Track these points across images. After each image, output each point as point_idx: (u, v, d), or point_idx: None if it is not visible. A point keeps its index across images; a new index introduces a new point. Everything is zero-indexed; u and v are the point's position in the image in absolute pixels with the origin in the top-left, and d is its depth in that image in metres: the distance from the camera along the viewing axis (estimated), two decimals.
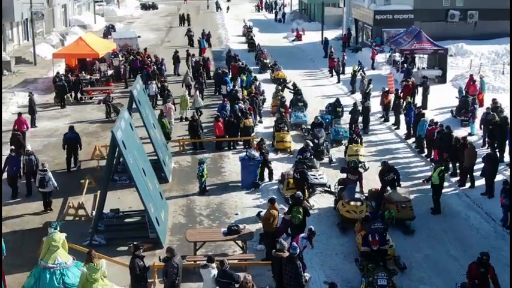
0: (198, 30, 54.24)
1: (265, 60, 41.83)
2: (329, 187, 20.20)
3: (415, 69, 36.03)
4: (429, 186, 19.34)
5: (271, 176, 21.36)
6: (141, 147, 18.70)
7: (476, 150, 20.96)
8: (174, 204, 19.37)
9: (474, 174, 20.45)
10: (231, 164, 22.95)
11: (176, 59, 40.50)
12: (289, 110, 28.40)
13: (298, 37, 56.50)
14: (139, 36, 48.90)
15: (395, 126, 27.64)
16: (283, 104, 27.98)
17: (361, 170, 19.91)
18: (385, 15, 45.70)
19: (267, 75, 39.50)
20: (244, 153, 21.29)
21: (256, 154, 20.77)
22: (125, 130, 16.62)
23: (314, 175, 20.17)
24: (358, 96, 33.13)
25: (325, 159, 23.39)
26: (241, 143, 25.26)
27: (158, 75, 35.30)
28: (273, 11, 77.04)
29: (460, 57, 41.27)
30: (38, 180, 18.61)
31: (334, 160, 23.32)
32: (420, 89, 30.78)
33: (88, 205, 18.79)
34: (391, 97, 29.02)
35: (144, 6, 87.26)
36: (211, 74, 37.23)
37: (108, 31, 56.36)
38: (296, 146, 24.94)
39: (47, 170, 18.79)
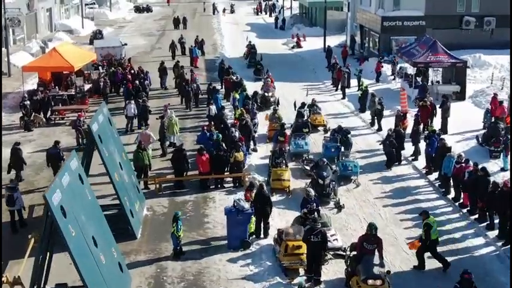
0: (193, 34, 50.34)
1: (270, 98, 31.04)
2: (344, 250, 15.53)
3: (429, 84, 31.87)
4: (461, 246, 15.45)
5: (266, 232, 16.97)
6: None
7: None
8: (140, 274, 15.08)
9: None
10: (217, 211, 18.68)
11: (163, 71, 36.19)
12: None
13: (298, 44, 52.35)
14: (125, 44, 44.45)
15: (414, 157, 23.44)
16: (282, 131, 23.68)
17: None
18: (394, 21, 42.04)
19: None
20: (231, 203, 16.86)
21: (246, 205, 16.32)
22: (66, 190, 12.49)
23: None
24: (367, 116, 29.03)
25: (331, 203, 19.30)
26: (230, 179, 21.14)
27: (141, 92, 31.07)
28: (273, 15, 72.97)
29: (478, 69, 37.28)
30: (5, 198, 17.81)
31: (342, 205, 19.11)
32: (439, 111, 26.61)
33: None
34: (408, 121, 24.87)
35: (138, 9, 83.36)
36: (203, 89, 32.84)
37: (95, 37, 52.29)
38: (295, 184, 20.85)
39: (16, 187, 18.05)
